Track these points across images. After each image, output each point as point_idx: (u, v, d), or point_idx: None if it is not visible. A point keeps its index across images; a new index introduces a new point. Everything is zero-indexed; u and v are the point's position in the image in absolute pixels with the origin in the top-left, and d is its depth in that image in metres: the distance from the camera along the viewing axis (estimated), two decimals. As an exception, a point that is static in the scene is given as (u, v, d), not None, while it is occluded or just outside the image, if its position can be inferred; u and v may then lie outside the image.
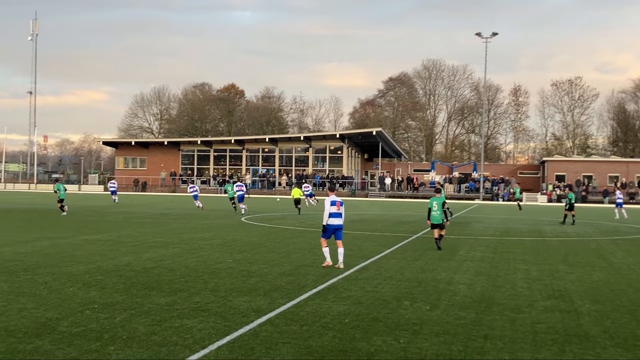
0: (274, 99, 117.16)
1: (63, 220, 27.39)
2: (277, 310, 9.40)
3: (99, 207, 39.50)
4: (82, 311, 9.05)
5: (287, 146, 79.10)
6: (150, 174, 79.63)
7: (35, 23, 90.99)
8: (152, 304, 9.68)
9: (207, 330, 8.12)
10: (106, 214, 31.82)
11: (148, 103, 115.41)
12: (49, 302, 9.60)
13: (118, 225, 24.71)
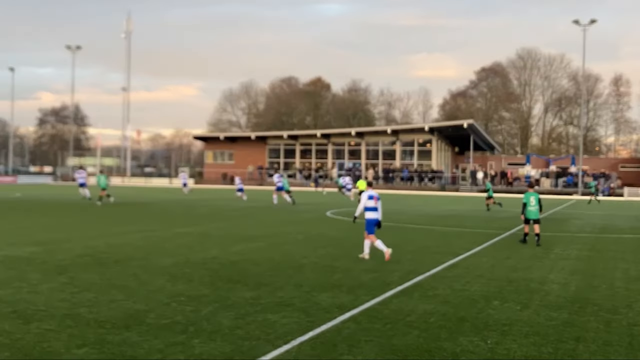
0: (361, 92, 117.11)
1: (154, 213, 28.33)
2: (360, 307, 9.40)
3: (188, 200, 40.60)
4: (169, 304, 9.33)
5: (374, 139, 78.88)
6: (238, 168, 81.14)
7: (128, 21, 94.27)
8: (236, 297, 9.88)
9: (290, 326, 8.21)
10: (196, 207, 32.67)
11: (236, 98, 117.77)
12: (138, 294, 9.95)
13: (206, 219, 25.33)
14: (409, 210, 33.30)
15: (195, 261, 13.55)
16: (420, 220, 26.95)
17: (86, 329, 7.80)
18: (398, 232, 21.31)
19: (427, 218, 28.26)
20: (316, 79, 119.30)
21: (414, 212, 31.98)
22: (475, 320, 8.79)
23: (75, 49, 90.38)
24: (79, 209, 30.09)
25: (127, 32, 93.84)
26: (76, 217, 25.29)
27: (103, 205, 32.23)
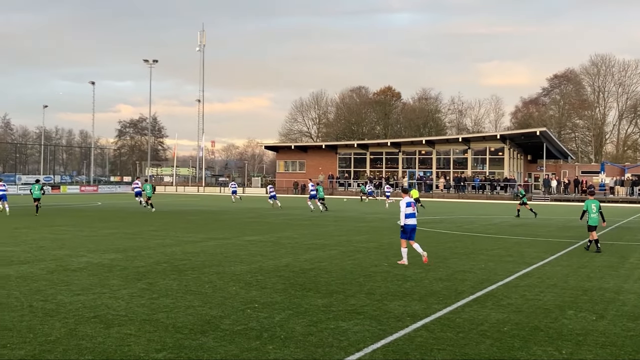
0: (431, 100, 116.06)
1: (227, 221, 28.80)
2: (432, 316, 9.32)
3: (260, 209, 41.09)
4: (244, 310, 9.47)
5: (445, 148, 78.04)
6: (309, 177, 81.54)
7: (202, 34, 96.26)
8: (309, 304, 9.94)
9: (362, 333, 8.21)
10: (267, 216, 33.03)
11: (307, 108, 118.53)
12: (213, 301, 10.14)
13: (278, 227, 25.58)
14: (481, 219, 32.78)
15: (268, 269, 13.71)
16: (492, 229, 26.50)
17: (164, 334, 8.00)
18: (470, 240, 21.03)
19: (498, 227, 27.76)
20: (386, 88, 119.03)
21: (485, 221, 31.47)
22: (549, 330, 8.59)
23: (152, 62, 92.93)
24: (156, 218, 30.85)
25: (201, 45, 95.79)
26: (153, 225, 25.94)
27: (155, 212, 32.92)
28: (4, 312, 9.08)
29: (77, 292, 10.65)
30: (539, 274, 13.78)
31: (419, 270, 13.80)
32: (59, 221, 27.88)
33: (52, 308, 9.42)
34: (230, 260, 14.96)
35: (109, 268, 13.54)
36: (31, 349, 7.28)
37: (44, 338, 7.73)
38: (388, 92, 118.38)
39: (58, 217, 30.55)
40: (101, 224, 26.51)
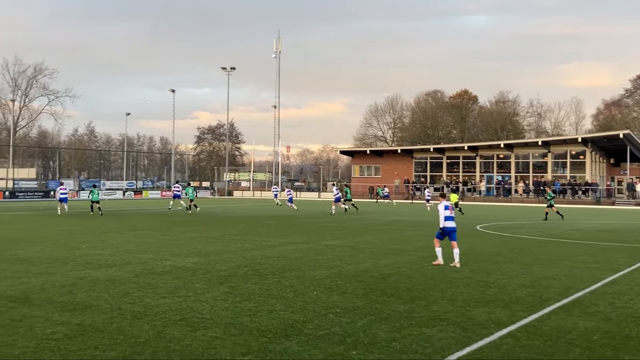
0: (509, 103, 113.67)
1: (305, 225, 28.98)
2: (518, 324, 9.10)
3: (336, 214, 41.15)
4: (326, 315, 9.49)
5: (524, 152, 76.28)
6: (384, 182, 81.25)
7: (278, 41, 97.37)
8: (391, 310, 9.88)
9: (447, 340, 8.09)
10: (344, 221, 33.06)
11: (382, 112, 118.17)
12: (295, 305, 10.20)
13: (355, 232, 25.55)
14: (563, 225, 31.86)
15: (347, 273, 13.71)
16: (575, 234, 25.70)
17: (249, 338, 8.10)
18: (552, 246, 20.47)
19: (583, 232, 26.91)
20: (462, 91, 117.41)
21: (568, 226, 30.57)
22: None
23: (230, 70, 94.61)
24: (234, 222, 31.35)
25: (277, 52, 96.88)
26: (233, 229, 26.36)
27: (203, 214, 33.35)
28: (95, 314, 9.39)
29: (163, 295, 10.92)
30: (627, 280, 13.28)
31: (502, 277, 13.52)
32: (143, 225, 28.68)
33: (139, 310, 9.68)
34: (310, 265, 15.04)
35: (192, 271, 13.83)
36: (121, 350, 7.49)
37: (133, 340, 7.94)
38: (464, 95, 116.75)
39: (141, 222, 31.44)
40: (182, 228, 27.11)
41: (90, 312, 9.51)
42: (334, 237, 23.08)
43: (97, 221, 31.38)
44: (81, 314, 9.38)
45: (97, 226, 27.76)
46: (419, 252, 18.09)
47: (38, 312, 9.52)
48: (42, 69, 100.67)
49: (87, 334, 8.20)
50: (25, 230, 25.30)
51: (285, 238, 22.31)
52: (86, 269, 14.04)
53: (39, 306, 9.94)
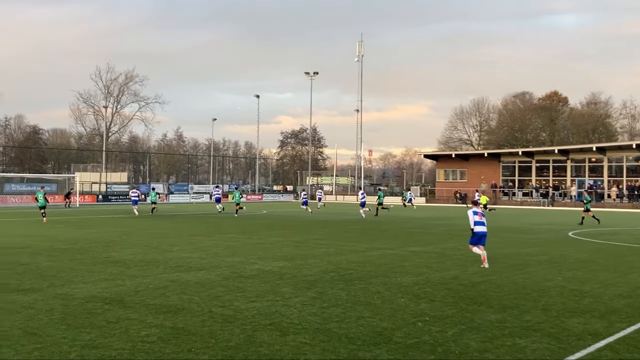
0: (601, 105, 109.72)
1: (389, 231, 28.83)
2: (616, 335, 8.77)
3: (420, 218, 40.79)
4: (414, 323, 9.40)
5: (617, 155, 73.45)
6: (470, 186, 79.90)
7: (361, 44, 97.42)
8: (481, 319, 9.69)
9: (541, 352, 7.87)
10: (429, 226, 32.72)
11: (467, 115, 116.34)
12: (383, 312, 10.15)
13: (441, 238, 25.23)
14: (661, 231, 30.47)
15: (435, 281, 13.54)
16: (675, 242, 24.53)
17: (338, 344, 8.11)
18: (651, 255, 19.62)
19: (683, 240, 25.64)
20: (552, 92, 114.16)
21: (667, 234, 29.20)
22: None
23: (313, 74, 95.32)
24: (318, 226, 31.53)
25: (360, 55, 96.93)
26: (317, 234, 26.50)
27: (312, 220, 33.42)
28: (187, 317, 9.62)
29: (252, 299, 11.08)
30: None
31: (597, 286, 13.05)
32: (229, 229, 29.24)
33: (229, 314, 9.85)
34: (396, 271, 14.94)
35: (279, 275, 13.98)
36: (213, 354, 7.64)
37: (224, 344, 8.09)
38: (554, 97, 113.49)
39: (227, 225, 32.05)
40: (268, 232, 27.48)
41: (183, 315, 9.75)
42: (420, 243, 22.86)
43: (186, 225, 32.20)
44: (174, 317, 9.63)
45: (187, 229, 28.49)
46: (509, 260, 17.69)
47: (132, 314, 9.83)
48: (133, 76, 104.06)
49: (180, 337, 8.40)
50: (118, 233, 26.23)
51: (369, 243, 22.25)
52: (177, 272, 14.42)
53: (133, 308, 10.27)
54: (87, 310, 10.01)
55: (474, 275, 14.41)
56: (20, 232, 25.84)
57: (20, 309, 10.04)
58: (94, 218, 37.94)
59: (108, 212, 46.11)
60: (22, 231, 26.59)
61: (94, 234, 25.18)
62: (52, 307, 10.26)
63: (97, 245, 20.59)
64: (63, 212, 44.82)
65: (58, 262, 16.10)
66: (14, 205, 56.60)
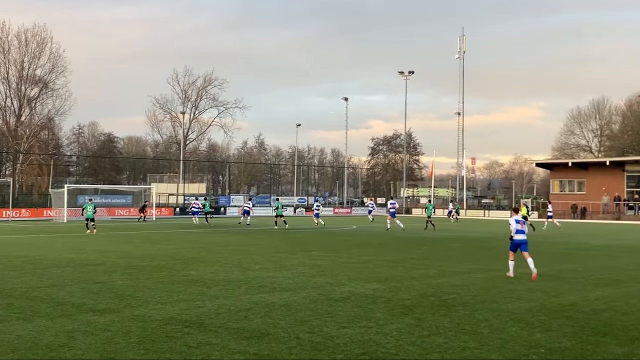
0: None
1: (497, 250, 28.28)
2: None
3: (530, 235, 39.84)
4: (528, 355, 9.19)
5: None
6: (589, 199, 77.70)
7: (462, 40, 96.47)
8: (605, 352, 9.40)
9: (679, 394, 7.54)
10: (542, 245, 31.93)
11: (586, 118, 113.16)
12: (492, 343, 9.96)
13: (557, 258, 24.59)
14: None
15: (551, 307, 13.20)
16: None
17: (441, 378, 8.02)
18: None
19: None
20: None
21: None
22: None
23: (408, 74, 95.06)
24: (415, 245, 31.32)
25: (461, 52, 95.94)
26: (413, 253, 26.33)
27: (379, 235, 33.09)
28: (272, 343, 9.74)
29: (343, 325, 11.11)
30: None
31: None
32: (315, 245, 29.47)
33: (319, 341, 9.91)
34: (505, 296, 14.65)
35: (372, 299, 13.96)
36: (303, 384, 7.70)
37: (314, 373, 8.14)
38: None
39: (313, 241, 32.29)
40: (358, 249, 27.52)
41: (267, 341, 9.88)
42: (532, 263, 22.31)
43: (268, 240, 32.66)
44: (258, 343, 9.77)
45: (269, 246, 28.89)
46: (637, 284, 17.04)
47: (214, 338, 10.03)
48: (212, 79, 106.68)
49: (266, 365, 8.51)
50: (197, 249, 26.88)
51: (473, 264, 21.93)
52: (260, 293, 14.63)
53: (214, 332, 10.48)
54: (165, 334, 10.29)
55: (595, 302, 13.96)
56: (95, 248, 26.86)
57: (97, 331, 10.42)
58: (171, 232, 39.03)
59: (186, 226, 47.31)
60: (97, 246, 27.64)
61: (171, 250, 25.90)
62: (130, 329, 10.60)
63: (175, 262, 21.17)
64: (139, 227, 46.29)
65: (134, 280, 16.64)
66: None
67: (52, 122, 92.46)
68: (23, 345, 9.50)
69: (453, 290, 15.42)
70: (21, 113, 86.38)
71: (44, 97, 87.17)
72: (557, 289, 15.93)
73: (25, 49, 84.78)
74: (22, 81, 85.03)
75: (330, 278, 17.46)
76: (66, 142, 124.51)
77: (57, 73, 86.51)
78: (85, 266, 19.88)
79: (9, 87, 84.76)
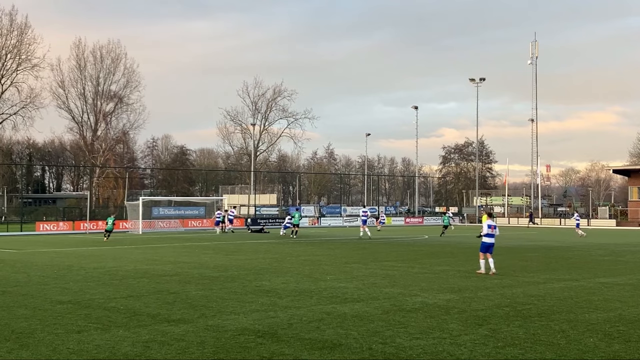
0: None
1: (573, 259, 27.75)
2: None
3: (612, 244, 38.88)
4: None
5: None
6: (670, 206, 75.24)
7: (535, 45, 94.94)
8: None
9: None
10: (621, 253, 31.14)
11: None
12: (569, 354, 9.78)
13: (636, 267, 23.95)
14: None
15: (630, 318, 12.88)
16: None
17: (516, 390, 7.91)
18: None
19: None
20: None
21: None
22: None
23: (479, 81, 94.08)
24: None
25: (533, 57, 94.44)
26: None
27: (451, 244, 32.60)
28: (345, 354, 9.77)
29: (416, 336, 11.05)
30: None
31: None
32: (387, 256, 29.35)
33: (392, 352, 9.89)
34: (583, 307, 14.35)
35: (445, 310, 13.86)
36: (376, 395, 7.70)
37: (387, 384, 8.13)
38: None
39: (385, 252, 32.19)
40: (431, 259, 27.32)
41: (340, 352, 9.91)
42: (610, 273, 21.81)
43: (339, 250, 32.72)
44: (330, 353, 9.81)
45: (340, 256, 28.94)
46: None
47: (286, 349, 10.12)
48: (281, 90, 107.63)
49: (338, 376, 8.54)
50: (269, 259, 27.11)
51: (549, 274, 21.52)
52: (332, 303, 14.69)
53: (287, 342, 10.56)
54: (239, 344, 10.42)
55: (678, 313, 13.55)
56: (169, 259, 27.37)
57: (172, 341, 10.63)
58: (243, 243, 39.46)
59: (257, 237, 47.76)
60: (171, 257, 28.15)
61: (243, 261, 26.20)
62: (204, 339, 10.78)
63: (247, 273, 21.41)
64: (213, 238, 46.97)
65: (208, 291, 16.90)
66: (162, 230, 60.07)
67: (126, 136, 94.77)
68: (101, 355, 9.76)
69: (529, 301, 15.18)
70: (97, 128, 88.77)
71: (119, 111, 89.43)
72: (636, 299, 15.54)
73: (101, 65, 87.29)
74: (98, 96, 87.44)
75: (402, 289, 17.40)
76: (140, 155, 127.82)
77: (132, 88, 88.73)
78: (160, 277, 20.29)
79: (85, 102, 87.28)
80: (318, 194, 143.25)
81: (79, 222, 60.30)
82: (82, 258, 28.07)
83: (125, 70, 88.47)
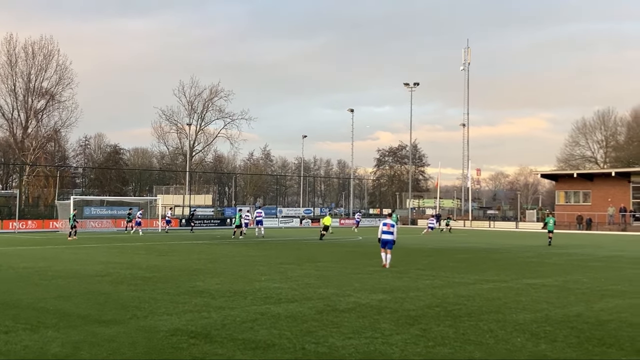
0: None
1: (501, 261, 28.31)
2: None
3: (537, 246, 39.80)
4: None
5: None
6: (595, 210, 77.47)
7: (467, 51, 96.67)
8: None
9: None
10: (548, 256, 31.88)
11: (591, 129, 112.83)
12: (497, 353, 9.97)
13: (562, 269, 24.55)
14: None
15: (556, 318, 13.19)
16: None
17: (446, 388, 8.02)
18: None
19: None
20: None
21: None
22: None
23: (413, 86, 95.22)
24: (421, 255, 31.28)
25: (466, 63, 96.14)
26: (419, 263, 26.32)
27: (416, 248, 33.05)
28: (278, 354, 9.76)
29: (349, 336, 11.11)
30: None
31: None
32: (322, 257, 29.43)
33: (324, 351, 9.92)
34: (511, 307, 14.65)
35: (377, 310, 13.97)
36: (308, 395, 7.70)
37: (319, 384, 8.14)
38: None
39: (320, 252, 32.26)
40: (364, 260, 27.47)
41: (273, 352, 9.89)
42: (537, 274, 22.30)
43: (274, 251, 32.66)
44: (264, 353, 9.78)
45: (275, 257, 28.88)
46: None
47: (220, 349, 10.04)
48: (218, 90, 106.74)
49: (271, 376, 8.52)
50: (203, 260, 26.87)
51: (479, 275, 21.90)
52: (266, 304, 14.65)
53: (220, 343, 10.48)
54: (171, 345, 10.30)
55: (601, 312, 13.95)
56: (100, 259, 26.88)
57: (103, 342, 10.43)
58: (176, 244, 39.04)
59: (192, 237, 47.34)
60: (103, 258, 27.65)
61: (177, 262, 25.90)
62: (136, 340, 10.61)
63: (181, 273, 21.17)
64: (143, 238, 46.33)
65: (140, 291, 16.65)
66: (94, 230, 58.99)
67: (58, 134, 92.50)
68: (29, 355, 9.53)
69: (459, 301, 15.41)
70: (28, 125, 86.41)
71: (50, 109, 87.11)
72: (562, 300, 15.92)
73: (32, 61, 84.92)
74: (29, 93, 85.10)
75: (336, 289, 17.46)
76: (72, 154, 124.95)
77: (64, 85, 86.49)
78: (91, 277, 19.90)
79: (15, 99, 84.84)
80: (254, 195, 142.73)
81: (7, 221, 58.72)
82: (11, 257, 27.35)
83: (58, 67, 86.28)
